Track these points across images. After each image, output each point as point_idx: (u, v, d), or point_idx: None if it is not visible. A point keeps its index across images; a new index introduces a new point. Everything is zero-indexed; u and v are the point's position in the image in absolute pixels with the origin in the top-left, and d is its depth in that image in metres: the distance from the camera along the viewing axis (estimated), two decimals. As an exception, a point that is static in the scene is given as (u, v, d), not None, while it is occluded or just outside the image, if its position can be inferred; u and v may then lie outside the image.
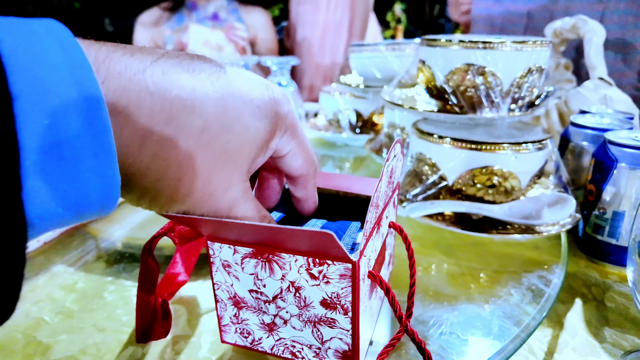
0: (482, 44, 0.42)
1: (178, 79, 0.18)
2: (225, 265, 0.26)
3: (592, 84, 0.65)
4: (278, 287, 0.25)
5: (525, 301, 0.34)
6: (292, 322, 0.26)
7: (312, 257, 0.23)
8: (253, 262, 0.25)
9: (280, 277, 0.25)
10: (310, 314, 0.25)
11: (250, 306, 0.27)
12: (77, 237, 0.47)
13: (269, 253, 0.24)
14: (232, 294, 0.27)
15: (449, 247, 0.44)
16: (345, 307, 0.24)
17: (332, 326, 0.25)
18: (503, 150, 0.40)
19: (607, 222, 0.40)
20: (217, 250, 0.26)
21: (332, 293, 0.24)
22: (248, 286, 0.26)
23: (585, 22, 0.69)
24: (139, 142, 0.18)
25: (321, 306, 0.24)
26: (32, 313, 0.35)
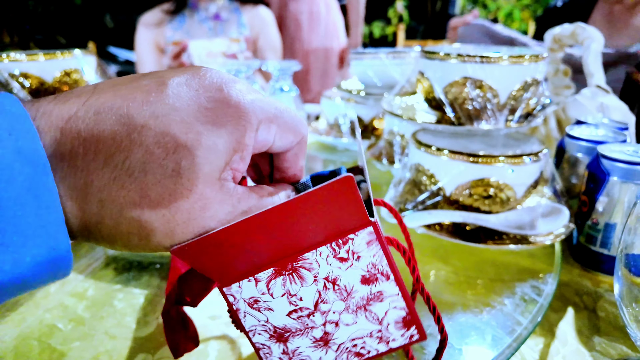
0: (479, 58, 0.43)
1: (110, 115, 0.17)
2: (252, 304, 0.23)
3: (589, 91, 0.66)
4: (315, 292, 0.23)
5: (518, 311, 0.36)
6: (343, 320, 0.24)
7: (333, 240, 0.22)
8: (280, 281, 0.23)
9: (313, 280, 0.23)
10: (357, 300, 0.24)
11: (296, 331, 0.24)
12: (85, 245, 0.48)
13: (290, 262, 0.22)
14: (272, 330, 0.24)
15: (446, 255, 0.46)
16: (385, 272, 0.23)
17: (382, 299, 0.24)
18: (499, 163, 0.41)
19: (599, 233, 0.42)
20: (237, 293, 0.23)
21: (367, 265, 0.23)
22: (285, 310, 0.24)
23: (584, 30, 0.70)
24: (83, 192, 0.17)
25: (363, 285, 0.23)
26: (46, 320, 0.37)
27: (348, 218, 0.21)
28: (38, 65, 0.61)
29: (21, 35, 3.15)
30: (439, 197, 0.45)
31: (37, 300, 0.40)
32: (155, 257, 0.46)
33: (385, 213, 0.49)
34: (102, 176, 0.17)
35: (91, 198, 0.17)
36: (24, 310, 0.38)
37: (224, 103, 0.19)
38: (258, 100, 0.20)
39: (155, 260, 0.45)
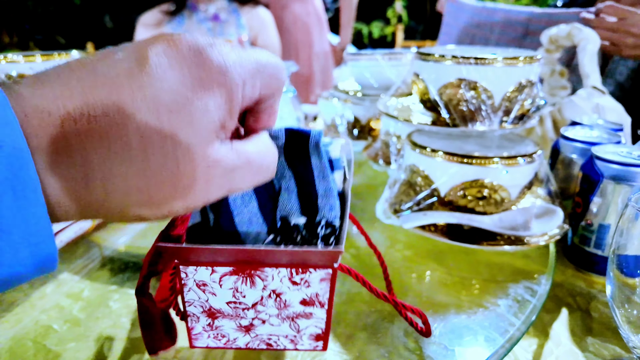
0: (474, 59, 0.43)
1: (97, 89, 0.16)
2: (200, 285, 0.27)
3: (585, 92, 0.66)
4: (259, 296, 0.27)
5: (511, 312, 0.36)
6: (271, 321, 0.28)
7: (295, 267, 0.25)
8: (233, 278, 0.26)
9: (262, 288, 0.26)
10: (288, 312, 0.27)
11: (227, 315, 0.28)
12: (81, 246, 0.48)
13: (251, 269, 0.25)
14: (207, 307, 0.28)
15: (440, 255, 0.46)
16: (322, 302, 0.27)
17: (309, 318, 0.28)
18: (494, 164, 0.42)
19: (593, 234, 0.42)
20: (190, 274, 0.26)
21: (311, 294, 0.27)
22: (226, 299, 0.27)
23: (580, 30, 0.71)
24: (84, 184, 0.17)
25: (300, 305, 0.27)
26: (42, 321, 0.37)
27: (317, 261, 0.25)
28: (35, 66, 0.61)
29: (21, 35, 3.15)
30: (433, 198, 0.45)
31: (33, 301, 0.40)
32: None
33: (380, 213, 0.50)
34: (103, 167, 0.17)
35: (94, 190, 0.17)
36: (20, 311, 0.39)
37: (206, 67, 0.18)
38: (239, 58, 0.19)
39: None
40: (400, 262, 0.45)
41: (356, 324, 0.36)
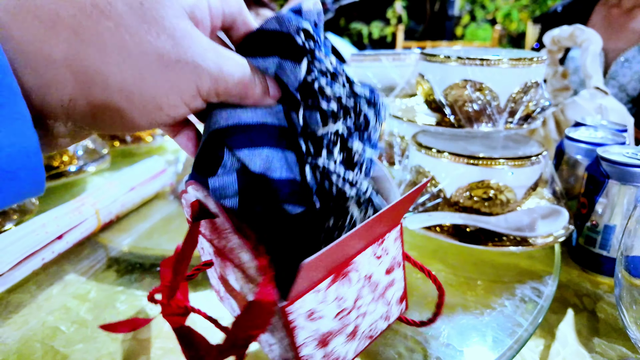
0: (479, 60, 0.43)
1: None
2: (309, 316, 0.23)
3: (588, 93, 0.67)
4: (356, 291, 0.25)
5: (518, 312, 0.36)
6: (369, 310, 0.26)
7: (375, 242, 0.25)
8: (334, 287, 0.23)
9: (357, 280, 0.25)
10: (379, 291, 0.27)
11: (337, 331, 0.25)
12: (87, 247, 0.48)
13: (345, 267, 0.23)
14: (319, 337, 0.24)
15: (446, 256, 0.46)
16: (399, 262, 0.27)
17: (393, 284, 0.28)
18: (499, 165, 0.42)
19: (598, 235, 0.42)
20: (298, 309, 0.22)
21: (392, 258, 0.27)
22: (333, 314, 0.24)
23: (583, 31, 0.71)
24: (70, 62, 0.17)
25: (386, 275, 0.27)
26: (49, 323, 0.37)
27: (388, 226, 0.24)
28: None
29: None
30: (439, 199, 0.45)
31: (40, 302, 0.40)
32: (157, 259, 0.46)
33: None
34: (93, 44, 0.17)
35: (88, 57, 0.17)
36: (27, 312, 0.39)
37: None
38: None
39: (157, 262, 0.46)
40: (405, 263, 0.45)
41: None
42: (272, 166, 0.23)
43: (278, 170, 0.23)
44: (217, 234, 0.25)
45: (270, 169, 0.23)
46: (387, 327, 0.29)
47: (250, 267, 0.23)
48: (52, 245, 0.42)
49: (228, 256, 0.25)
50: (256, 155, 0.22)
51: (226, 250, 0.25)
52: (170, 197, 0.60)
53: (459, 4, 3.69)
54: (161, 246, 0.48)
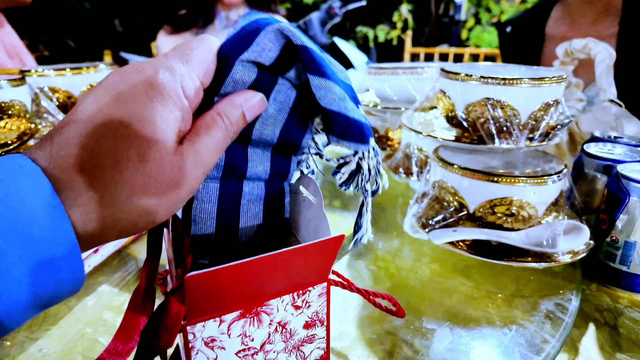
0: (501, 80, 0.45)
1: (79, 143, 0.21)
2: (207, 343, 0.24)
3: (602, 106, 0.68)
4: (266, 334, 0.26)
5: (544, 329, 0.37)
6: (278, 358, 0.27)
7: (296, 290, 0.26)
8: (241, 323, 0.24)
9: (269, 323, 0.25)
10: (294, 342, 0.27)
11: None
12: (117, 258, 0.50)
13: (257, 306, 0.25)
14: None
15: (467, 269, 0.47)
16: (322, 320, 0.28)
17: (312, 341, 0.28)
18: (522, 184, 0.43)
19: (619, 250, 0.43)
20: (198, 332, 0.23)
21: (312, 313, 0.27)
22: (235, 349, 0.25)
23: (597, 44, 0.72)
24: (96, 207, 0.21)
25: (304, 329, 0.27)
26: (87, 335, 0.38)
27: (314, 272, 0.25)
28: (65, 80, 0.63)
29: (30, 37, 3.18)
30: (462, 213, 0.46)
31: (76, 314, 0.41)
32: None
33: (408, 227, 0.51)
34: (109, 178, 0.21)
35: (105, 208, 0.21)
36: (64, 324, 0.40)
37: (145, 85, 0.22)
38: (167, 65, 0.23)
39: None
40: (428, 276, 0.46)
41: (373, 346, 0.37)
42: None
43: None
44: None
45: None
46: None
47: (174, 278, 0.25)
48: (89, 259, 0.43)
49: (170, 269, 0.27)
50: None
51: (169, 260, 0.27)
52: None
53: (465, 8, 3.70)
54: (191, 259, 0.49)
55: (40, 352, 0.36)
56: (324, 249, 0.24)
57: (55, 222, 0.19)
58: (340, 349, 0.36)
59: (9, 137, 0.49)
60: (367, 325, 0.38)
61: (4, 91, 0.47)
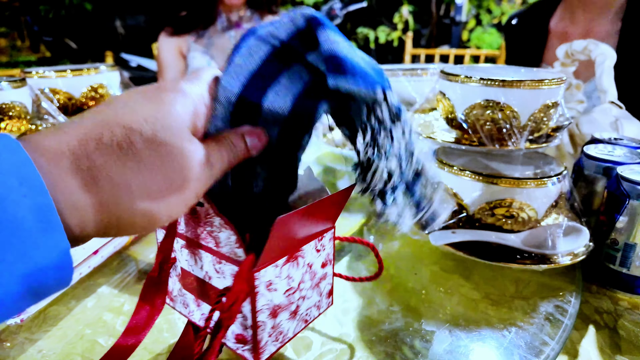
0: (500, 82, 0.45)
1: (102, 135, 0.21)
2: (267, 286, 0.28)
3: (603, 107, 0.68)
4: (301, 274, 0.31)
5: (544, 331, 0.37)
6: (308, 295, 0.32)
7: (317, 237, 0.31)
8: (287, 266, 0.29)
9: (303, 265, 0.31)
10: (316, 280, 0.33)
11: (284, 306, 0.30)
12: (117, 259, 0.50)
13: (295, 252, 0.30)
14: (271, 308, 0.29)
15: (466, 271, 0.47)
16: (330, 259, 0.34)
17: (325, 278, 0.34)
18: (522, 186, 0.43)
19: (619, 252, 0.43)
20: (261, 277, 0.27)
21: (326, 254, 0.33)
22: (283, 290, 0.30)
23: (597, 46, 0.72)
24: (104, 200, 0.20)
25: (321, 268, 0.33)
26: (87, 336, 0.38)
27: (330, 219, 0.31)
28: (66, 81, 0.63)
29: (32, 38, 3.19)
30: (462, 215, 0.46)
31: (76, 315, 0.41)
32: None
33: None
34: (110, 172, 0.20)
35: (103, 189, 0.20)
36: (65, 325, 0.40)
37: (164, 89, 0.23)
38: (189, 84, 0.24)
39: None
40: (427, 277, 0.46)
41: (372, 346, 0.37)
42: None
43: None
44: (194, 223, 0.29)
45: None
46: (317, 316, 0.35)
47: (228, 244, 0.28)
48: (88, 261, 0.43)
49: (202, 243, 0.30)
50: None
51: (201, 237, 0.29)
52: (194, 209, 0.62)
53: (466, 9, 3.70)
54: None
55: (40, 353, 0.36)
56: (341, 197, 0.30)
57: (45, 224, 0.18)
58: (340, 351, 0.36)
59: (10, 138, 0.49)
60: (367, 327, 0.38)
61: (5, 92, 0.47)
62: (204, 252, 0.30)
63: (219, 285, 0.30)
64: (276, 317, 0.30)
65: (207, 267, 0.30)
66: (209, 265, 0.30)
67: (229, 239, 0.27)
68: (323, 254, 0.32)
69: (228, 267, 0.28)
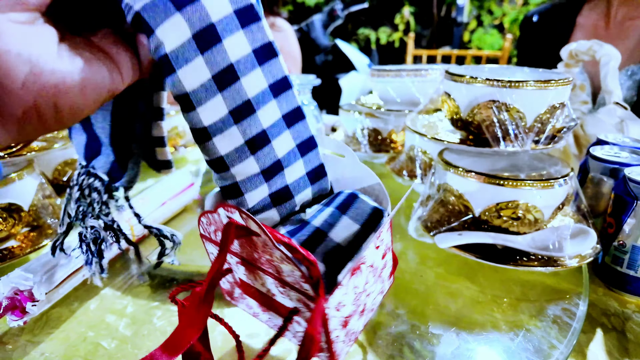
0: (507, 82, 0.44)
1: None
2: (337, 307, 0.27)
3: (608, 108, 0.67)
4: (365, 278, 0.29)
5: (551, 335, 0.37)
6: (373, 290, 0.32)
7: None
8: (352, 280, 0.27)
9: (365, 270, 0.29)
10: (378, 273, 0.32)
11: (353, 313, 0.29)
12: (120, 261, 0.49)
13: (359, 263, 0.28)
14: (342, 321, 0.28)
15: (472, 273, 0.47)
16: (389, 246, 0.33)
17: (386, 266, 0.33)
18: (529, 187, 0.42)
19: (626, 254, 0.43)
20: (331, 304, 0.26)
21: (385, 245, 0.32)
22: (351, 300, 0.28)
23: (601, 46, 0.71)
24: None
25: (381, 260, 0.32)
26: (90, 338, 0.38)
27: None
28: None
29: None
30: (468, 217, 0.46)
31: (78, 317, 0.41)
32: (192, 275, 0.47)
33: (412, 230, 0.50)
34: None
35: None
36: (67, 327, 0.40)
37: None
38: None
39: (192, 278, 0.46)
40: (433, 279, 0.46)
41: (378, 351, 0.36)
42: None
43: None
44: (251, 249, 0.28)
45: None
46: (382, 299, 0.35)
47: (292, 276, 0.26)
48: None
49: (261, 267, 0.28)
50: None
51: (260, 262, 0.28)
52: (198, 210, 0.61)
53: (467, 10, 3.70)
54: (195, 262, 0.49)
55: (43, 356, 0.36)
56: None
57: None
58: (346, 355, 0.36)
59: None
60: (373, 331, 0.38)
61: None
62: (264, 274, 0.29)
63: (285, 303, 0.29)
64: (347, 325, 0.29)
65: (270, 287, 0.29)
66: (272, 286, 0.29)
67: (293, 272, 0.26)
68: (382, 246, 0.31)
69: (294, 294, 0.27)
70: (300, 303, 0.27)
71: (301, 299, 0.27)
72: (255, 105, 0.27)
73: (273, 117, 0.29)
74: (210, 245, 0.33)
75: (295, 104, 0.30)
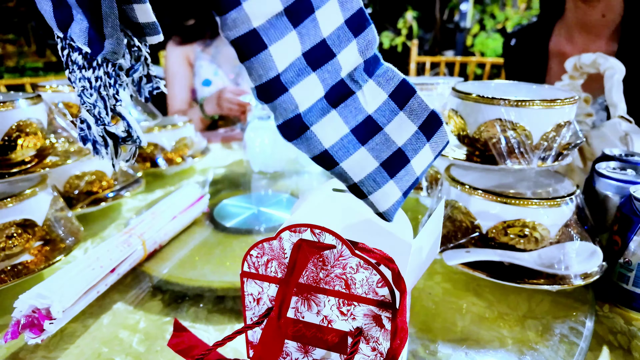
0: (514, 101, 0.45)
1: None
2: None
3: (612, 122, 0.68)
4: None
5: (559, 354, 0.37)
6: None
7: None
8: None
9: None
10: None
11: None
12: (131, 275, 0.50)
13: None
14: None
15: (478, 288, 0.47)
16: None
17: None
18: (536, 205, 0.43)
19: (632, 272, 0.43)
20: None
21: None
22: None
23: (606, 59, 0.72)
24: None
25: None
26: (104, 354, 0.39)
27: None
28: (80, 95, 0.64)
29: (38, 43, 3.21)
30: (475, 234, 0.47)
31: (92, 332, 0.42)
32: (202, 290, 0.48)
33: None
34: None
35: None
36: (80, 342, 0.40)
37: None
38: None
39: (203, 293, 0.47)
40: (440, 295, 0.47)
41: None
42: None
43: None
44: (316, 268, 0.28)
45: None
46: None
47: (366, 285, 0.27)
48: (106, 279, 0.43)
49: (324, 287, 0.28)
50: None
51: (324, 280, 0.28)
52: (206, 222, 0.62)
53: (470, 14, 3.71)
54: (206, 277, 0.50)
55: (59, 373, 0.37)
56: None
57: None
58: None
59: (26, 154, 0.50)
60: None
61: (22, 110, 0.48)
62: (324, 296, 0.29)
63: (342, 328, 0.29)
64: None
65: (327, 312, 0.29)
66: (330, 310, 0.29)
67: (367, 279, 0.26)
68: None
69: (361, 309, 0.27)
70: (367, 318, 0.27)
71: (369, 314, 0.27)
72: None
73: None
74: (253, 284, 0.31)
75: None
